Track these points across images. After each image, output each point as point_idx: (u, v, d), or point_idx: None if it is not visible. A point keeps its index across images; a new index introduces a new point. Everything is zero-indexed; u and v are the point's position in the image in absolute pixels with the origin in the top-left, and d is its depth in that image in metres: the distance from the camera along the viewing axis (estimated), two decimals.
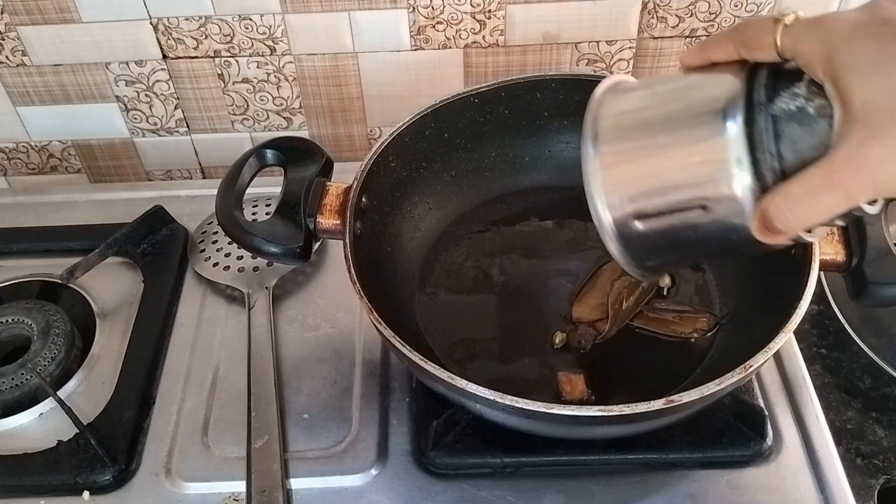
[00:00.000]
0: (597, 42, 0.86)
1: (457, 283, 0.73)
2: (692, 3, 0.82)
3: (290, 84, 0.89)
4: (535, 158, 0.78)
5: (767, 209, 0.41)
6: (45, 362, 0.70)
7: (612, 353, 0.67)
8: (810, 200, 0.40)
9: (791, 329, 0.54)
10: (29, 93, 0.89)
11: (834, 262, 0.61)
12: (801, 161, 0.41)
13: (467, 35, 0.84)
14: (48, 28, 0.83)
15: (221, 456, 0.65)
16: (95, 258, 0.76)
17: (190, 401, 0.69)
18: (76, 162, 0.96)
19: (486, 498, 0.62)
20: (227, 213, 0.63)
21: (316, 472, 0.64)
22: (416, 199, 0.75)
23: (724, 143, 0.42)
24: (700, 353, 0.67)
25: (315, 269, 0.80)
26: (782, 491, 0.61)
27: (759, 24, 0.42)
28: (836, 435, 0.66)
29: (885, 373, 0.70)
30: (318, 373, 0.71)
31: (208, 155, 0.96)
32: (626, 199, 0.47)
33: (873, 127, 0.37)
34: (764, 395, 0.67)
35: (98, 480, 0.63)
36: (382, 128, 0.94)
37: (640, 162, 0.47)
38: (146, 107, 0.91)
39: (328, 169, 0.68)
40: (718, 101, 0.43)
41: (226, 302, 0.77)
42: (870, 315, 0.73)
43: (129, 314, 0.76)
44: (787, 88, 0.42)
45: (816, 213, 0.41)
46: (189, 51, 0.85)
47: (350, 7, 0.82)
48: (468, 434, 0.63)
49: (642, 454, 0.63)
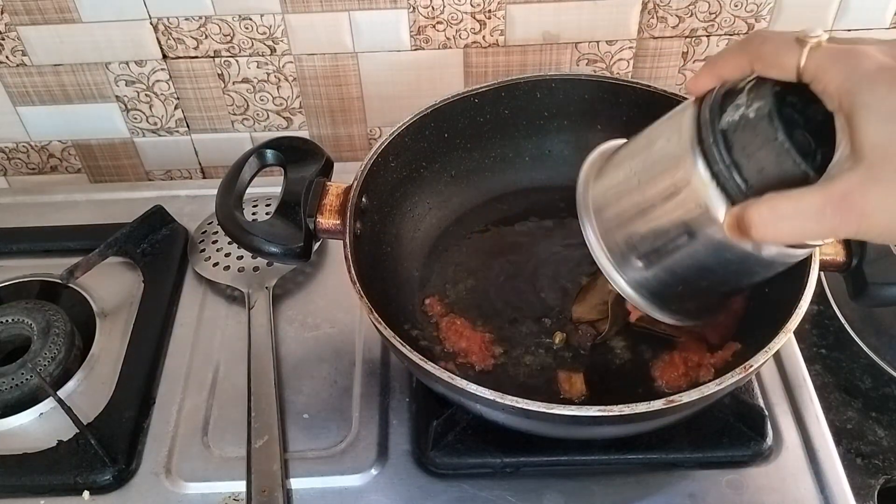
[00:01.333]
0: (597, 42, 0.86)
1: (457, 283, 0.73)
2: (692, 3, 0.82)
3: (290, 84, 0.89)
4: (535, 158, 0.78)
5: (750, 215, 0.42)
6: (45, 362, 0.70)
7: (611, 353, 0.67)
8: (795, 221, 0.41)
9: (791, 329, 0.54)
10: (29, 93, 0.89)
11: (834, 262, 0.61)
12: (758, 165, 0.42)
13: (467, 35, 0.84)
14: (48, 28, 0.83)
15: (221, 456, 0.65)
16: (95, 258, 0.76)
17: (190, 401, 0.69)
18: (76, 162, 0.96)
19: (486, 498, 0.62)
20: (227, 212, 0.63)
21: (316, 472, 0.64)
22: (416, 199, 0.75)
23: (684, 168, 0.45)
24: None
25: (315, 269, 0.80)
26: (782, 491, 0.61)
27: (781, 42, 0.42)
28: (836, 435, 0.66)
29: (885, 373, 0.70)
30: (318, 373, 0.71)
31: (208, 155, 0.96)
32: (629, 251, 0.51)
33: (878, 171, 0.38)
34: (764, 395, 0.67)
35: (98, 480, 0.63)
36: (382, 128, 0.94)
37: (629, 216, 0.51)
38: (146, 107, 0.91)
39: (328, 169, 0.68)
40: (674, 136, 0.46)
41: (226, 302, 0.77)
42: (870, 315, 0.73)
43: (129, 314, 0.76)
44: (731, 103, 0.44)
45: (795, 234, 0.42)
46: (189, 51, 0.85)
47: (350, 7, 0.82)
48: (468, 434, 0.63)
49: (642, 454, 0.63)
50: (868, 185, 0.38)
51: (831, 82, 0.40)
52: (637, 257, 0.51)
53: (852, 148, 0.39)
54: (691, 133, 0.45)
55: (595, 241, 0.52)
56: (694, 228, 0.47)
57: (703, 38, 0.85)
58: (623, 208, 0.51)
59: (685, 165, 0.45)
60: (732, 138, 0.43)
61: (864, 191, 0.38)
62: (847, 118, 0.39)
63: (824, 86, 0.40)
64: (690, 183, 0.45)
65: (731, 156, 0.43)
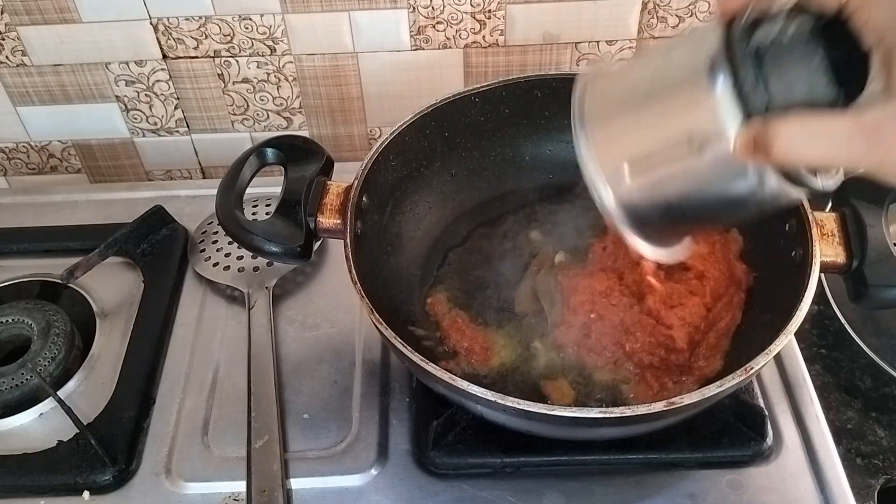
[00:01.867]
0: (597, 42, 0.86)
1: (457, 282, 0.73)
2: (692, 3, 0.82)
3: (290, 84, 0.89)
4: (535, 158, 0.78)
5: (776, 129, 0.41)
6: (45, 362, 0.70)
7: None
8: (822, 143, 0.40)
9: (792, 331, 0.54)
10: (29, 93, 0.89)
11: (834, 264, 0.61)
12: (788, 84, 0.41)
13: (467, 35, 0.84)
14: (48, 28, 0.83)
15: (221, 456, 0.65)
16: (95, 258, 0.76)
17: (190, 401, 0.69)
18: (76, 162, 0.96)
19: (486, 498, 0.62)
20: (228, 212, 0.63)
21: (316, 472, 0.64)
22: (416, 199, 0.75)
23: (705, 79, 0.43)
24: None
25: (315, 269, 0.80)
26: (782, 491, 0.61)
27: None
28: (836, 435, 0.66)
29: (885, 373, 0.70)
30: (318, 373, 0.71)
31: (208, 155, 0.96)
32: (624, 165, 0.48)
33: None
34: (764, 395, 0.67)
35: (98, 480, 0.63)
36: (382, 128, 0.94)
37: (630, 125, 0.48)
38: (146, 107, 0.91)
39: (329, 168, 0.68)
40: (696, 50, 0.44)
41: (226, 302, 0.77)
42: (870, 315, 0.73)
43: (129, 314, 0.76)
44: (763, 26, 0.42)
45: (818, 155, 0.41)
46: (189, 51, 0.85)
47: (350, 7, 0.82)
48: (468, 434, 0.63)
49: (642, 454, 0.63)
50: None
51: (875, 16, 0.40)
52: (629, 172, 0.48)
53: (887, 83, 0.39)
54: (718, 46, 0.43)
55: (587, 150, 0.49)
56: (701, 144, 0.45)
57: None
58: (625, 119, 0.48)
59: (706, 78, 0.43)
60: (763, 57, 0.42)
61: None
62: (886, 54, 0.39)
63: (866, 20, 0.40)
64: (709, 96, 0.43)
65: (760, 73, 0.41)
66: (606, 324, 0.65)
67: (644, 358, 0.64)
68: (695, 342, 0.64)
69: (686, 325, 0.64)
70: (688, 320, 0.65)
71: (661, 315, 0.65)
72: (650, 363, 0.64)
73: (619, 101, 0.49)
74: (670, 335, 0.64)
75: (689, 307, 0.65)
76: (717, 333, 0.65)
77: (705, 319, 0.66)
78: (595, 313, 0.66)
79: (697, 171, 0.46)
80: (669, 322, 0.64)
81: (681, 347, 0.63)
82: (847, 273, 0.61)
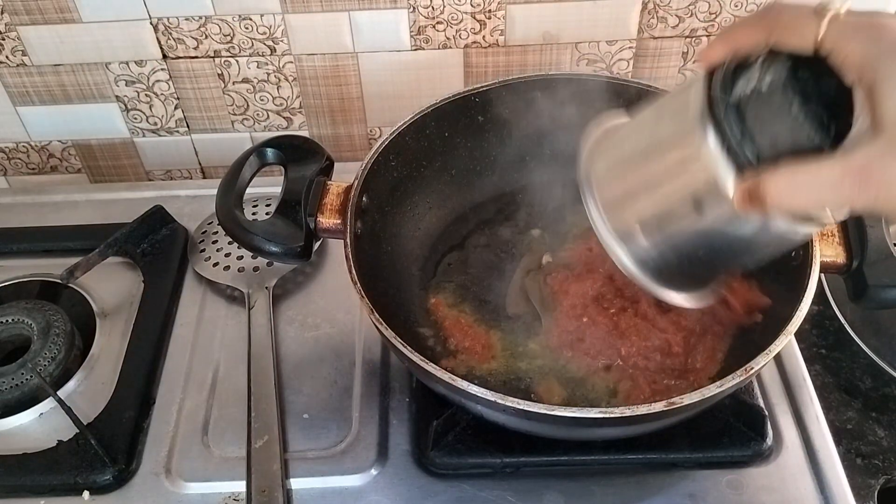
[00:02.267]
0: (597, 42, 0.86)
1: (458, 281, 0.73)
2: (692, 3, 0.82)
3: (290, 84, 0.89)
4: (534, 158, 0.78)
5: (766, 184, 0.41)
6: (45, 362, 0.70)
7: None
8: (812, 191, 0.40)
9: (792, 332, 0.54)
10: (29, 93, 0.89)
11: (834, 264, 0.61)
12: (771, 137, 0.42)
13: (467, 35, 0.84)
14: (48, 28, 0.83)
15: (221, 456, 0.65)
16: (95, 258, 0.76)
17: (190, 401, 0.69)
18: (76, 162, 0.96)
19: (486, 498, 0.62)
20: (228, 212, 0.63)
21: (316, 472, 0.64)
22: (416, 199, 0.75)
23: (693, 140, 0.44)
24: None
25: (315, 269, 0.80)
26: (782, 491, 0.61)
27: (798, 13, 0.42)
28: (836, 435, 0.66)
29: (885, 373, 0.70)
30: (318, 373, 0.71)
31: (208, 155, 0.96)
32: (635, 226, 0.50)
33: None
34: (764, 396, 0.67)
35: (98, 480, 0.63)
36: (382, 128, 0.94)
37: (635, 188, 0.49)
38: (146, 107, 0.91)
39: (329, 168, 0.68)
40: (683, 109, 0.45)
41: (226, 302, 0.77)
42: (870, 315, 0.73)
43: (129, 314, 0.76)
44: (742, 76, 0.43)
45: (811, 203, 0.42)
46: (189, 51, 0.85)
47: (350, 7, 0.82)
48: (468, 434, 0.63)
49: (642, 454, 0.63)
50: (888, 158, 0.38)
51: (852, 54, 0.39)
52: (641, 232, 0.50)
53: (872, 120, 0.39)
54: (702, 105, 0.44)
55: (598, 216, 0.51)
56: (702, 202, 0.46)
57: (703, 38, 0.85)
58: (628, 183, 0.50)
59: (695, 138, 0.44)
60: (745, 110, 0.42)
61: (885, 163, 0.38)
62: (868, 91, 0.39)
63: (844, 57, 0.40)
64: (700, 155, 0.44)
65: (744, 127, 0.42)
66: (600, 328, 0.65)
67: (640, 362, 0.64)
68: (691, 346, 0.64)
69: (681, 330, 0.65)
70: (683, 324, 0.65)
71: (656, 319, 0.65)
72: (645, 367, 0.64)
73: (621, 163, 0.51)
74: (666, 339, 0.64)
75: (684, 311, 0.65)
76: (714, 336, 0.65)
77: (700, 322, 0.65)
78: (587, 317, 0.66)
79: (706, 226, 0.47)
80: (664, 326, 0.65)
81: (676, 351, 0.64)
82: (847, 273, 0.61)
